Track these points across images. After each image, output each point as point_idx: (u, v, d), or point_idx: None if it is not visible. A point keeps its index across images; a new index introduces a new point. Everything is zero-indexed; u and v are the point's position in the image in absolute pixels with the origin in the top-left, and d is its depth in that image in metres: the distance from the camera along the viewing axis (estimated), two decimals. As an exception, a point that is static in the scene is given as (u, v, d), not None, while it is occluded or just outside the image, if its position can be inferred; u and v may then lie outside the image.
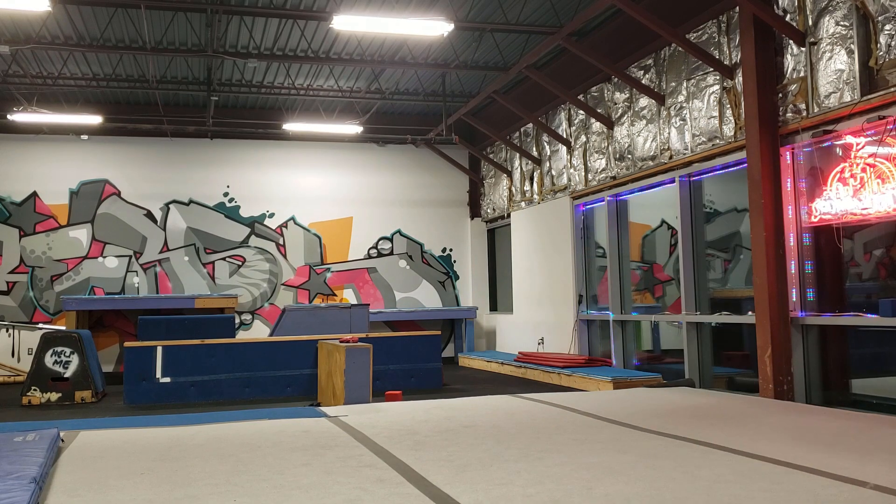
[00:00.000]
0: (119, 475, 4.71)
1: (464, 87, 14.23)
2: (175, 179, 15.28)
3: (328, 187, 15.90)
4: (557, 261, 12.97)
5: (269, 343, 10.71)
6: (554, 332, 13.02)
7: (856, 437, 5.55)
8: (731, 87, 8.83)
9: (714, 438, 5.50)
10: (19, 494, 3.86)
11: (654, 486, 4.16)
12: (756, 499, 3.88)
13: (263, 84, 13.98)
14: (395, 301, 16.18)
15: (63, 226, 14.71)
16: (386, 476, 4.57)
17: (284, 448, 5.49)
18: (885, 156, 6.93)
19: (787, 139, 8.00)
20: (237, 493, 4.23)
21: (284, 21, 11.04)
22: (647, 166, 10.47)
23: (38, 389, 9.91)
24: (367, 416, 7.03)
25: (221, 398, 10.05)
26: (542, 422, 6.50)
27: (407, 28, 9.33)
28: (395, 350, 10.86)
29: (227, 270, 15.34)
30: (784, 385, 7.83)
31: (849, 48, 7.20)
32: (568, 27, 9.86)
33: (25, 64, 12.40)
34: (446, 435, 5.97)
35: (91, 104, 14.52)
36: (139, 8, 10.14)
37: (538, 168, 13.87)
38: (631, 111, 10.85)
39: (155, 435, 6.26)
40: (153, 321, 11.67)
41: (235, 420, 7.09)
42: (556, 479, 4.41)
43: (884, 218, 7.01)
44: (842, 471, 4.41)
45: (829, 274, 7.97)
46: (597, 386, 9.83)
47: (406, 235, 16.45)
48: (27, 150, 14.60)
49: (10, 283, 14.34)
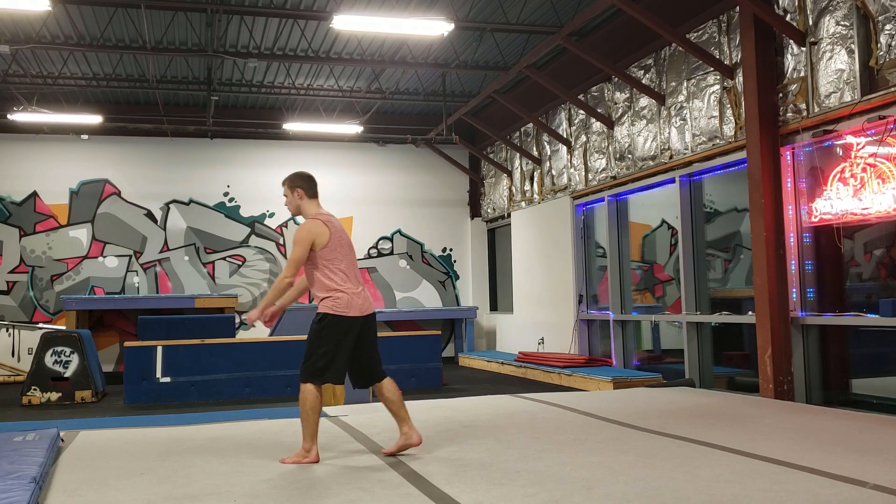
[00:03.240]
0: (119, 475, 4.71)
1: (464, 87, 14.23)
2: (175, 179, 15.27)
3: (328, 187, 15.78)
4: (557, 261, 12.97)
5: (269, 343, 10.71)
6: (554, 331, 13.02)
7: (856, 437, 5.54)
8: (732, 87, 8.82)
9: (714, 438, 5.49)
10: (19, 494, 3.86)
11: (654, 486, 4.16)
12: (756, 499, 3.88)
13: (263, 84, 13.98)
14: (395, 301, 16.18)
15: (63, 225, 14.70)
16: (386, 476, 4.57)
17: (284, 448, 5.49)
18: (885, 156, 6.93)
19: (788, 139, 8.00)
20: (237, 493, 4.23)
21: (284, 21, 11.04)
22: (647, 166, 10.46)
23: (38, 389, 9.91)
24: (367, 416, 7.03)
25: (221, 398, 10.05)
26: (542, 422, 6.50)
27: (407, 28, 9.33)
28: (395, 350, 10.84)
29: (228, 270, 15.34)
30: (784, 385, 7.82)
31: (849, 48, 7.20)
32: (568, 27, 9.86)
33: (25, 64, 12.40)
34: (446, 435, 5.97)
35: (91, 104, 14.52)
36: (139, 8, 10.14)
37: (538, 168, 13.87)
38: (631, 111, 10.85)
39: (155, 435, 6.26)
40: (153, 321, 11.67)
41: (235, 420, 7.09)
42: (556, 479, 4.41)
43: (884, 218, 7.01)
44: (842, 471, 4.41)
45: (829, 274, 7.97)
46: (597, 386, 9.83)
47: (406, 235, 16.45)
48: (27, 149, 14.60)
49: (10, 283, 14.33)
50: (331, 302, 5.10)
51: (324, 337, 5.07)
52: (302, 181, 5.45)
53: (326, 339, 5.06)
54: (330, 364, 5.06)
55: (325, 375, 5.07)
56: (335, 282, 5.13)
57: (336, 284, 5.13)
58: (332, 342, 5.06)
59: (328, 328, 5.07)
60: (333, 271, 5.14)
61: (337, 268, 5.15)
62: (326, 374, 5.07)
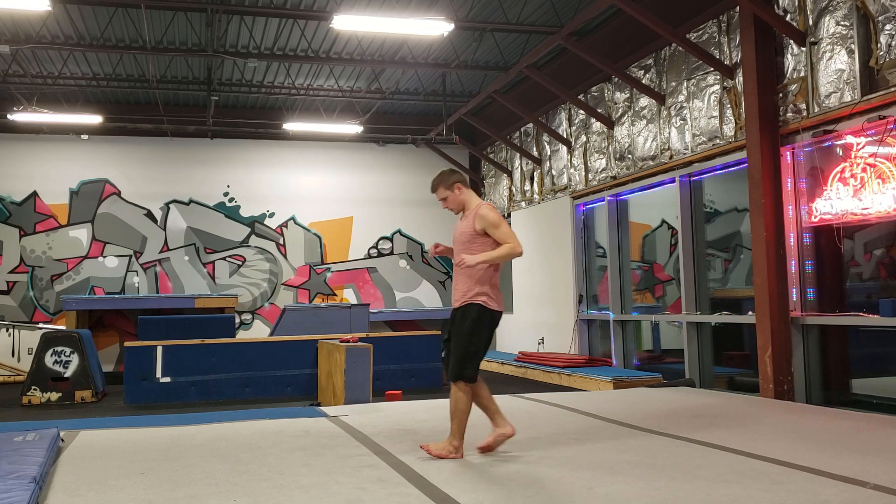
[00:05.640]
0: (119, 475, 4.71)
1: (464, 87, 14.23)
2: (175, 179, 15.28)
3: (328, 187, 15.89)
4: (558, 260, 12.97)
5: (269, 343, 10.71)
6: (554, 331, 13.02)
7: (856, 436, 5.54)
8: (732, 87, 8.82)
9: (714, 438, 5.49)
10: (19, 494, 3.85)
11: (654, 486, 4.16)
12: (756, 499, 3.88)
13: (263, 84, 13.98)
14: (395, 301, 16.18)
15: (63, 225, 14.71)
16: (386, 476, 4.57)
17: (284, 448, 5.49)
18: (885, 156, 6.93)
19: (788, 139, 8.00)
20: (237, 493, 4.23)
21: (284, 21, 11.04)
22: (647, 166, 10.46)
23: (38, 389, 9.90)
24: (367, 416, 7.02)
25: (221, 398, 10.04)
26: (542, 422, 6.49)
27: (407, 28, 9.33)
28: (395, 350, 10.84)
29: (228, 270, 15.35)
30: (784, 385, 7.82)
31: (849, 48, 7.19)
32: (568, 27, 9.86)
33: (25, 64, 12.40)
34: (446, 435, 5.96)
35: (91, 104, 14.52)
36: (139, 8, 10.14)
37: (538, 168, 13.87)
38: (631, 111, 10.85)
39: (155, 435, 6.25)
40: (153, 321, 11.66)
41: (235, 420, 7.09)
42: (556, 479, 4.41)
43: (884, 218, 7.01)
44: (842, 471, 4.41)
45: (829, 274, 7.96)
46: (597, 386, 9.83)
47: (406, 235, 16.45)
48: (27, 149, 14.60)
49: (10, 283, 14.34)
50: (485, 297, 5.05)
51: (481, 333, 5.02)
52: (457, 175, 5.33)
53: (483, 334, 5.03)
54: (480, 360, 5.05)
55: (477, 372, 5.05)
56: (493, 276, 5.11)
57: (494, 278, 5.12)
58: (485, 338, 5.04)
59: (485, 323, 5.03)
60: (496, 266, 5.12)
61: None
62: (477, 370, 5.05)
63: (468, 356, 4.98)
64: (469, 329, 5.00)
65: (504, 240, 5.04)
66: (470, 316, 5.01)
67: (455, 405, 5.03)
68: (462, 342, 5.00)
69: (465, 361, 4.98)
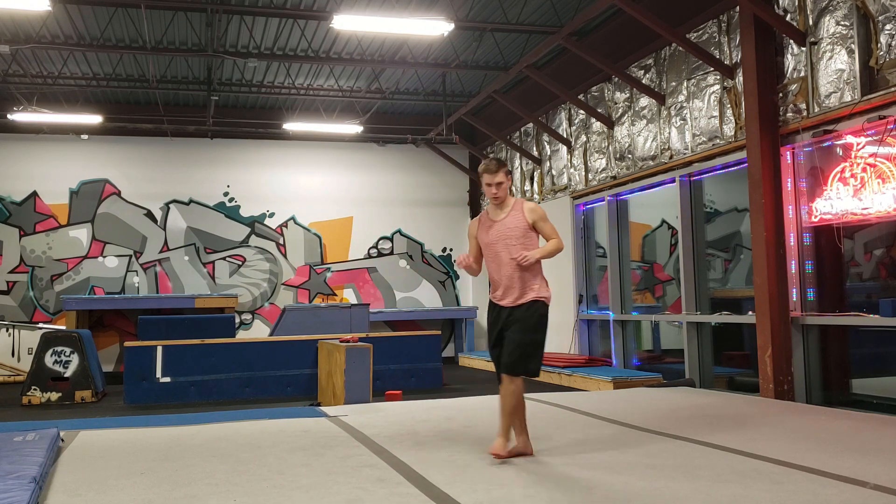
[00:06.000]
0: (119, 475, 4.71)
1: (464, 87, 14.22)
2: (175, 179, 15.28)
3: (328, 187, 15.89)
4: (557, 260, 12.93)
5: (269, 343, 10.71)
6: (554, 331, 12.96)
7: (856, 436, 5.54)
8: (732, 87, 8.82)
9: (714, 438, 5.49)
10: (19, 494, 3.85)
11: (653, 486, 4.16)
12: (756, 499, 3.88)
13: (263, 84, 13.98)
14: (395, 301, 16.17)
15: (63, 225, 14.71)
16: (386, 476, 4.57)
17: (284, 448, 5.49)
18: (885, 156, 6.93)
19: (788, 139, 8.00)
20: (237, 493, 4.23)
21: (284, 21, 11.04)
22: (647, 166, 10.46)
23: (38, 389, 9.90)
24: (367, 416, 7.02)
25: (221, 398, 10.05)
26: (542, 422, 6.49)
27: (407, 28, 9.33)
28: (395, 350, 10.85)
29: (227, 270, 15.34)
30: (784, 385, 7.82)
31: (849, 48, 7.19)
32: (568, 27, 9.86)
33: (25, 64, 12.40)
34: (446, 435, 5.97)
35: (91, 104, 14.52)
36: (139, 8, 10.13)
37: (538, 168, 13.87)
38: (631, 111, 10.85)
39: (155, 435, 6.26)
40: (153, 321, 11.66)
41: (235, 420, 7.09)
42: (556, 479, 4.41)
43: (884, 218, 7.01)
44: (842, 471, 4.41)
45: (829, 274, 7.96)
46: (597, 386, 9.83)
47: (406, 235, 16.45)
48: (27, 149, 14.60)
49: (10, 283, 14.33)
50: (547, 293, 5.09)
51: (543, 327, 5.05)
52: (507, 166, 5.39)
53: (544, 328, 5.06)
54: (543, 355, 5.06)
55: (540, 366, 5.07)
56: (541, 270, 5.15)
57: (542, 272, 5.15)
58: (545, 331, 5.07)
59: (545, 317, 5.07)
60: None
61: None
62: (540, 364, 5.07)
63: (534, 351, 5.02)
64: (535, 324, 5.04)
65: (552, 234, 5.14)
66: (538, 311, 5.06)
67: (516, 399, 5.03)
68: (528, 338, 5.02)
69: (532, 356, 5.02)
